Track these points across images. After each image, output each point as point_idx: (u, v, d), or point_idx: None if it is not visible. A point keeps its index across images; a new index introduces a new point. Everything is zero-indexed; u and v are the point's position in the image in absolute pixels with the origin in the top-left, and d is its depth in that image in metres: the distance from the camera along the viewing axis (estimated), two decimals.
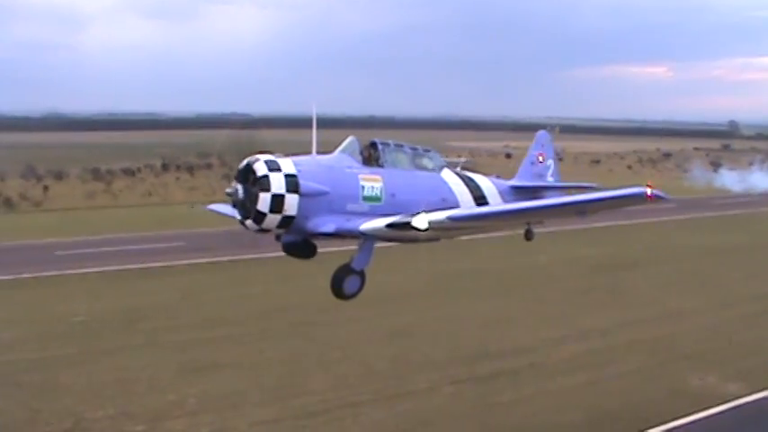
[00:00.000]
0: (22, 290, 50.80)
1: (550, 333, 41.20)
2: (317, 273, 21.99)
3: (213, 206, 23.49)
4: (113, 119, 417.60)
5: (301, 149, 19.66)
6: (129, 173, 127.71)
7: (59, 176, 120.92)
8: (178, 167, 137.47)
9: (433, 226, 16.93)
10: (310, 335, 40.18)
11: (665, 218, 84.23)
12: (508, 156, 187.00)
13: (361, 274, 19.01)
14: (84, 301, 47.32)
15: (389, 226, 17.45)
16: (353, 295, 19.20)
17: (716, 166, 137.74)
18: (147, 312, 44.40)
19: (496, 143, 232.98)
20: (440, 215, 16.91)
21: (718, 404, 31.95)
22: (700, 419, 30.54)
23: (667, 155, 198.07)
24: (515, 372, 35.28)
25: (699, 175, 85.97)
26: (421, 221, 16.80)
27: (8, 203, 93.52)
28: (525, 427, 30.11)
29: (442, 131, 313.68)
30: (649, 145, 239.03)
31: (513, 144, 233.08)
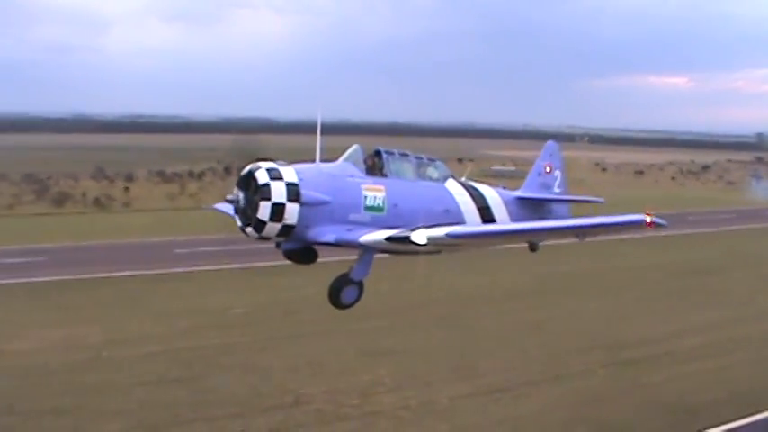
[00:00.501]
0: (166, 284, 55.51)
1: (668, 327, 46.09)
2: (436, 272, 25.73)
3: (219, 205, 22.93)
4: (143, 122, 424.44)
5: (328, 156, 19.87)
6: (194, 176, 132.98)
7: (130, 178, 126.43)
8: (239, 170, 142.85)
9: (431, 242, 16.87)
10: (461, 326, 45.11)
11: (726, 228, 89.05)
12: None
13: (360, 285, 18.98)
14: (230, 294, 52.22)
15: (389, 239, 17.25)
16: (350, 305, 19.17)
17: (757, 178, 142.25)
18: (298, 305, 49.20)
19: (529, 152, 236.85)
20: (439, 231, 16.69)
21: None
22: None
23: (706, 167, 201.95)
24: (655, 358, 40.31)
25: (760, 188, 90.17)
26: (420, 237, 16.67)
27: (98, 203, 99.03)
28: (680, 403, 34.92)
29: (472, 140, 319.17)
30: (682, 156, 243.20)
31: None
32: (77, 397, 33.89)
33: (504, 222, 22.10)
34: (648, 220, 14.21)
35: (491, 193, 22.55)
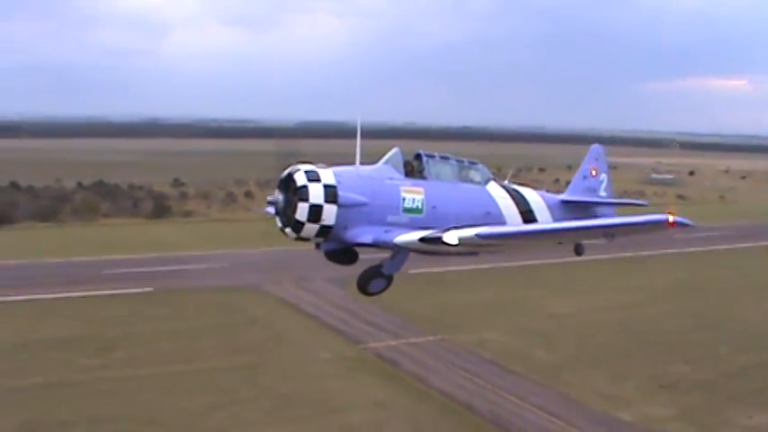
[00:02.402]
0: None
1: None
2: None
3: (268, 208, 22.65)
4: (228, 127, 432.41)
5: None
6: None
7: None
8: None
9: (463, 242, 17.12)
10: None
11: None
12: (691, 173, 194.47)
13: (389, 278, 19.33)
14: None
15: (422, 240, 17.57)
16: (376, 294, 19.63)
17: None
18: None
19: (629, 159, 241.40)
20: (469, 232, 17.01)
21: None
22: None
23: None
24: None
25: None
26: (451, 237, 17.01)
27: None
28: None
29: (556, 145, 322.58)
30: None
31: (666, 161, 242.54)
32: None
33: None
34: (671, 219, 14.23)
35: (534, 197, 22.60)
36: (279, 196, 17.84)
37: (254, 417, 37.22)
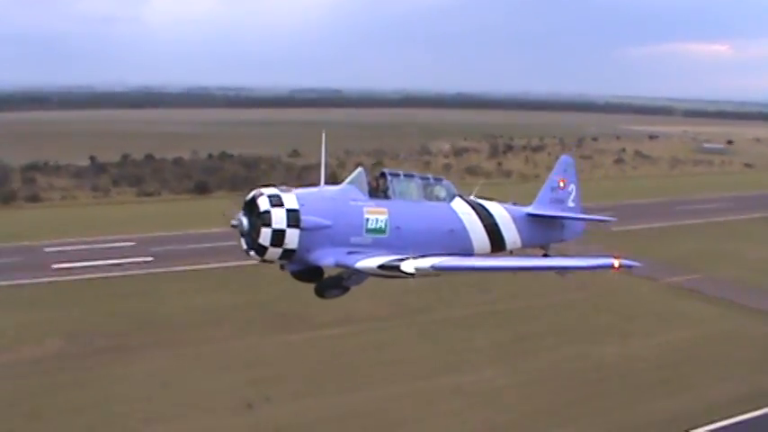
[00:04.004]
0: None
1: None
2: None
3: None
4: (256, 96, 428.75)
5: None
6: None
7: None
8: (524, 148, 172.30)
9: (419, 272, 17.50)
10: None
11: None
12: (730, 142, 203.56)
13: (346, 289, 19.94)
14: None
15: (381, 267, 17.84)
16: (330, 298, 20.44)
17: None
18: None
19: (663, 128, 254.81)
20: (425, 263, 17.41)
21: None
22: None
23: None
24: None
25: None
26: (408, 266, 17.34)
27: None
28: None
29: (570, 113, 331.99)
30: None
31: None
32: None
33: (514, 241, 23.28)
34: (616, 264, 14.88)
35: (499, 211, 22.97)
36: (243, 219, 18.16)
37: (640, 326, 50.67)
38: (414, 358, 43.65)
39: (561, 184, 26.39)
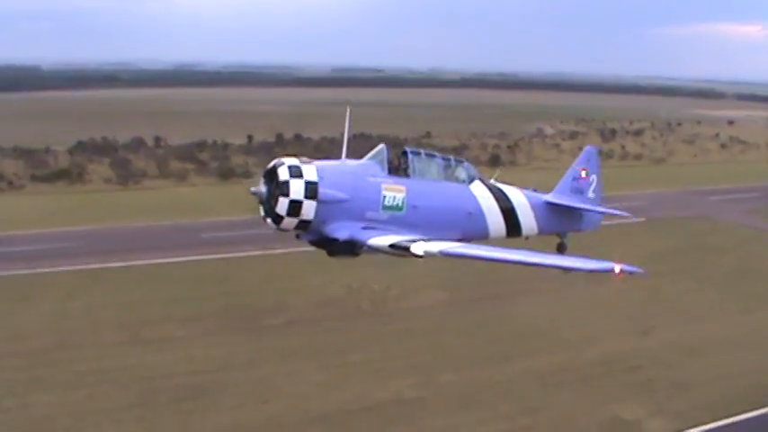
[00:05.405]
0: None
1: None
2: None
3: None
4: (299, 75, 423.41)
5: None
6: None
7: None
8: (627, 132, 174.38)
9: (427, 255, 17.71)
10: None
11: None
12: None
13: (358, 254, 19.70)
14: None
15: (392, 246, 18.10)
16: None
17: None
18: None
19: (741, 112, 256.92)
20: (434, 247, 17.67)
21: None
22: None
23: None
24: None
25: None
26: (418, 249, 17.57)
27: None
28: None
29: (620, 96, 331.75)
30: None
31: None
32: None
33: (531, 227, 23.30)
34: (617, 269, 14.97)
35: (518, 196, 23.03)
36: (262, 188, 18.49)
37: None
38: None
39: (583, 174, 26.30)
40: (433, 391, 38.29)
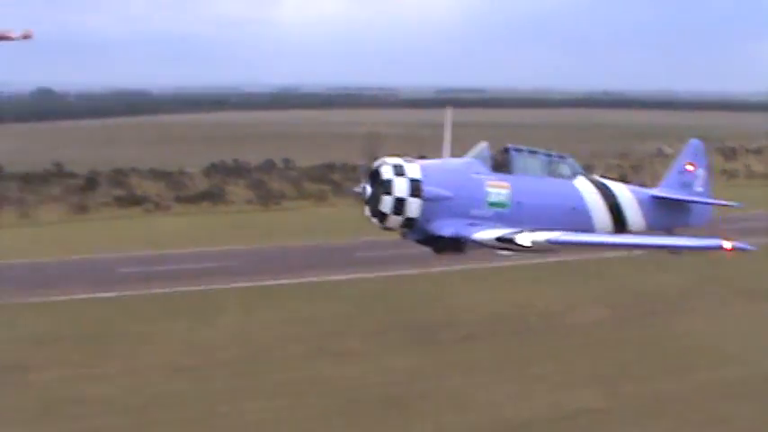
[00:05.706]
0: None
1: None
2: None
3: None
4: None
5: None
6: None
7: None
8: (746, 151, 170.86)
9: (535, 245, 17.62)
10: None
11: None
12: None
13: (463, 252, 19.80)
14: None
15: (498, 239, 18.09)
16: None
17: None
18: None
19: None
20: (541, 236, 17.51)
21: None
22: None
23: None
24: None
25: None
26: (525, 239, 17.52)
27: None
28: None
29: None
30: None
31: None
32: None
33: (637, 222, 22.89)
34: (728, 246, 14.83)
35: (624, 192, 22.75)
36: (366, 187, 19.03)
37: None
38: None
39: (690, 168, 25.75)
40: (619, 401, 39.10)
